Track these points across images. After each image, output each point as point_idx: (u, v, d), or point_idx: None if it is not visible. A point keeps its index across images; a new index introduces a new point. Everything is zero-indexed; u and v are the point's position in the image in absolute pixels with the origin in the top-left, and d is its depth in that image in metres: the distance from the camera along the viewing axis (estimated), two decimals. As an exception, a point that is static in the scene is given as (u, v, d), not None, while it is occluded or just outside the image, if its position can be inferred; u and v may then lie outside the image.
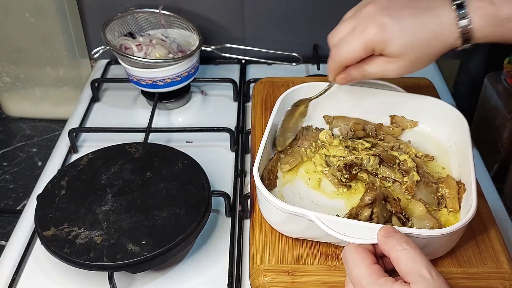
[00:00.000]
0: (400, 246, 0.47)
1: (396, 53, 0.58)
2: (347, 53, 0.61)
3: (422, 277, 0.44)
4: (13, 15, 0.92)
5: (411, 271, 0.45)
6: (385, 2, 0.58)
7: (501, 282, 0.57)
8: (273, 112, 0.69)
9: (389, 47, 0.57)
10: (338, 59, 0.62)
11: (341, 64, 0.63)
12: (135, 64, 0.84)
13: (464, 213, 0.60)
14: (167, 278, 0.64)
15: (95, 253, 0.58)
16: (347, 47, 0.60)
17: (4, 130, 1.03)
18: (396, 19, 0.57)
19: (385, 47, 0.58)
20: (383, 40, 0.57)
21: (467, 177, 0.62)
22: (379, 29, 0.57)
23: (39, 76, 1.00)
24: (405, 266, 0.45)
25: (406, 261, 0.45)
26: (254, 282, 0.59)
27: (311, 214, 0.55)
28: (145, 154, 0.72)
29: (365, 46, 0.59)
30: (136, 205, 0.64)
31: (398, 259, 0.46)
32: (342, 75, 0.64)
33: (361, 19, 0.59)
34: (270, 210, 0.59)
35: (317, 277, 0.58)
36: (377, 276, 0.46)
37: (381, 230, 0.50)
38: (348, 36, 0.60)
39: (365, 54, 0.60)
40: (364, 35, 0.58)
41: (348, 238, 0.52)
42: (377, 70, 0.61)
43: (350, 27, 0.60)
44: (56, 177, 0.69)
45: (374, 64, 0.61)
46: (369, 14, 0.58)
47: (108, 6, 0.95)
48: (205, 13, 0.97)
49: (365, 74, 0.62)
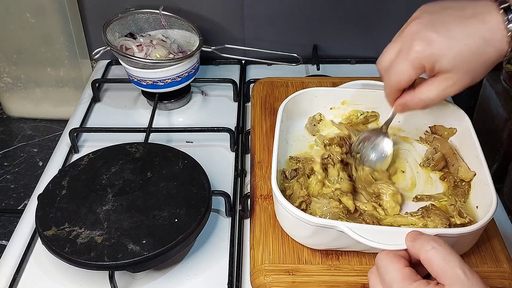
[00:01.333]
0: (429, 245, 0.45)
1: (448, 67, 0.54)
2: (396, 76, 0.57)
3: (457, 278, 0.42)
4: (14, 16, 0.92)
5: (444, 271, 0.43)
6: (428, 16, 0.56)
7: (501, 282, 0.57)
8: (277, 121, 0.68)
9: (440, 62, 0.54)
10: (390, 84, 0.59)
11: (394, 89, 0.59)
12: (135, 65, 0.84)
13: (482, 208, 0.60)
14: (167, 277, 0.64)
15: (96, 253, 0.59)
16: (396, 70, 0.57)
17: (5, 130, 1.03)
18: (442, 31, 0.54)
19: (435, 62, 0.54)
20: (431, 54, 0.54)
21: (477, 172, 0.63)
22: (425, 45, 0.54)
23: (40, 77, 1.00)
24: (437, 267, 0.44)
25: (437, 261, 0.44)
26: (255, 282, 0.59)
27: (341, 224, 0.54)
28: (145, 154, 0.72)
29: (413, 65, 0.56)
30: (137, 204, 0.64)
31: (429, 260, 0.45)
32: (399, 106, 0.61)
33: (405, 39, 0.56)
34: (296, 224, 0.58)
35: (317, 276, 0.58)
36: (409, 280, 0.44)
37: (408, 235, 0.49)
38: (395, 60, 0.57)
39: (416, 74, 0.57)
40: (410, 54, 0.55)
41: (380, 245, 0.51)
42: (434, 93, 0.57)
43: (396, 49, 0.58)
44: (57, 177, 0.69)
45: (430, 87, 0.57)
46: (413, 32, 0.56)
47: (109, 7, 0.95)
48: (205, 14, 0.97)
49: (422, 101, 0.58)
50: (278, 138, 0.66)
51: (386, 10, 0.96)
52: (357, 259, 0.59)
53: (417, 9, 0.58)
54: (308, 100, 0.74)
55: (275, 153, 0.63)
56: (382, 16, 0.98)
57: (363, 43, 1.02)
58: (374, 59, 1.00)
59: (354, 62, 1.02)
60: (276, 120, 0.69)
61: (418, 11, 0.58)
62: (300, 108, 0.74)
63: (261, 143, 0.74)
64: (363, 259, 0.59)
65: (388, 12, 0.97)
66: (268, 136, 0.75)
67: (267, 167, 0.70)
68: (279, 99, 0.80)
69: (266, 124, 0.77)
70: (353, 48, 1.02)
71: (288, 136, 0.74)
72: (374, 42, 1.01)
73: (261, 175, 0.70)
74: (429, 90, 0.57)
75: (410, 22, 0.57)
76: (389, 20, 0.98)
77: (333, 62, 1.02)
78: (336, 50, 1.02)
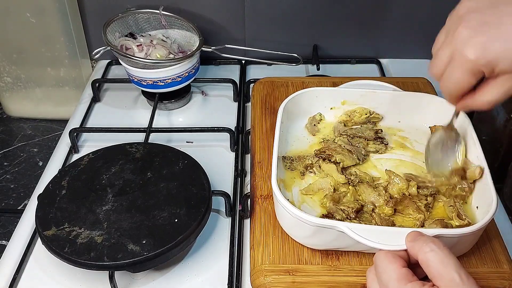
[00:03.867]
0: (427, 247, 0.45)
1: (510, 67, 0.50)
2: (455, 85, 0.54)
3: (452, 281, 0.42)
4: (14, 16, 0.92)
5: (440, 274, 0.43)
6: (477, 17, 0.51)
7: (501, 282, 0.57)
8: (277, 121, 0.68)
9: (499, 66, 0.50)
10: (449, 92, 0.56)
11: (454, 96, 0.57)
12: (135, 65, 0.84)
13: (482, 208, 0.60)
14: (167, 277, 0.64)
15: (96, 253, 0.59)
16: (454, 79, 0.54)
17: (5, 130, 1.03)
18: (495, 34, 0.50)
19: (494, 67, 0.51)
20: (489, 61, 0.50)
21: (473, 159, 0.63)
22: (480, 52, 0.50)
23: (40, 76, 1.00)
24: (434, 269, 0.44)
25: (434, 264, 0.44)
26: (255, 282, 0.59)
27: (341, 224, 0.54)
28: (145, 154, 0.72)
29: (472, 73, 0.52)
30: (137, 205, 0.64)
31: (426, 262, 0.45)
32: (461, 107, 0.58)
33: (456, 45, 0.52)
34: (296, 224, 0.58)
35: (317, 277, 0.58)
36: (405, 280, 0.45)
37: (408, 235, 0.49)
38: (449, 67, 0.54)
39: (476, 80, 0.53)
40: (466, 63, 0.51)
41: (380, 245, 0.51)
42: (497, 95, 0.53)
43: (447, 54, 0.54)
44: (57, 177, 0.69)
45: (492, 89, 0.53)
46: (464, 38, 0.51)
47: (109, 7, 0.95)
48: (205, 14, 0.97)
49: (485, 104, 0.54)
50: (278, 138, 0.66)
51: (386, 10, 0.96)
52: (357, 259, 0.59)
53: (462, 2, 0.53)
54: (308, 100, 0.74)
55: (275, 153, 0.63)
56: (382, 16, 0.98)
57: (363, 43, 1.02)
58: (374, 59, 1.03)
59: (354, 62, 1.02)
60: (276, 120, 0.69)
61: (465, 7, 0.53)
62: (300, 108, 0.74)
63: (261, 143, 0.74)
64: (363, 259, 0.59)
65: (388, 12, 0.97)
66: (268, 136, 0.75)
67: (267, 167, 0.70)
68: (279, 99, 0.80)
69: (266, 124, 0.77)
70: (353, 48, 1.02)
71: (288, 136, 0.74)
72: (374, 42, 1.02)
73: (261, 175, 0.70)
74: (492, 92, 0.53)
75: (457, 21, 0.52)
76: (389, 20, 0.98)
77: (333, 62, 1.02)
78: (336, 50, 1.02)
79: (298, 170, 0.69)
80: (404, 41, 1.01)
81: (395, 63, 1.02)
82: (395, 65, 1.02)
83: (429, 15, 0.96)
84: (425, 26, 0.98)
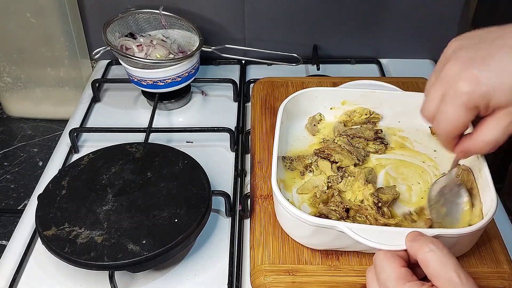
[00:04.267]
0: (427, 247, 0.45)
1: (503, 102, 0.48)
2: (449, 124, 0.51)
3: (451, 281, 0.42)
4: (14, 16, 0.92)
5: (439, 274, 0.43)
6: (466, 54, 0.49)
7: (501, 282, 0.57)
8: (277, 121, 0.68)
9: (494, 98, 0.48)
10: (444, 133, 0.53)
11: (450, 137, 0.53)
12: (135, 65, 0.84)
13: None
14: (167, 277, 0.64)
15: (96, 253, 0.59)
16: (448, 117, 0.51)
17: (5, 130, 1.03)
18: (487, 66, 0.48)
19: (489, 100, 0.48)
20: (483, 93, 0.48)
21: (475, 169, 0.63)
22: (473, 84, 0.48)
23: (40, 77, 1.00)
24: (433, 269, 0.44)
25: (433, 264, 0.44)
26: (255, 282, 0.59)
27: (341, 224, 0.54)
28: (145, 154, 0.72)
29: (467, 108, 0.49)
30: (137, 204, 0.64)
31: (425, 261, 0.45)
32: (461, 153, 0.55)
33: (447, 82, 0.50)
34: (295, 224, 0.58)
35: (317, 277, 0.58)
36: (404, 280, 0.45)
37: (408, 235, 0.49)
38: (442, 105, 0.51)
39: (471, 117, 0.50)
40: (460, 97, 0.49)
41: (379, 245, 0.51)
42: (497, 132, 0.50)
43: (438, 94, 0.51)
44: (57, 177, 0.69)
45: (490, 127, 0.50)
46: (454, 73, 0.49)
47: (109, 7, 0.95)
48: (205, 14, 0.97)
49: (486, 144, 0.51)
50: (278, 138, 0.66)
51: (386, 10, 0.97)
52: (357, 259, 0.59)
53: (448, 45, 0.52)
54: (308, 100, 0.74)
55: (275, 153, 0.63)
56: (382, 16, 0.98)
57: (363, 43, 1.02)
58: (374, 59, 1.03)
59: (354, 62, 1.02)
60: (276, 120, 0.69)
61: (451, 48, 0.52)
62: (300, 108, 0.74)
63: (261, 143, 0.74)
64: (363, 259, 0.59)
65: (388, 12, 0.97)
66: (268, 136, 0.75)
67: (267, 167, 0.70)
68: (279, 99, 0.80)
69: (266, 124, 0.77)
70: (353, 48, 1.02)
71: (288, 136, 0.74)
72: (374, 42, 1.02)
73: (261, 175, 0.70)
74: (491, 130, 0.50)
75: (445, 62, 0.51)
76: (389, 20, 0.98)
77: (333, 62, 1.02)
78: (336, 50, 1.02)
79: (298, 170, 0.69)
80: (404, 41, 1.01)
81: (395, 63, 1.02)
82: (395, 65, 1.02)
83: (429, 15, 0.96)
84: (425, 26, 0.98)
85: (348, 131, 0.73)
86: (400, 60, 1.03)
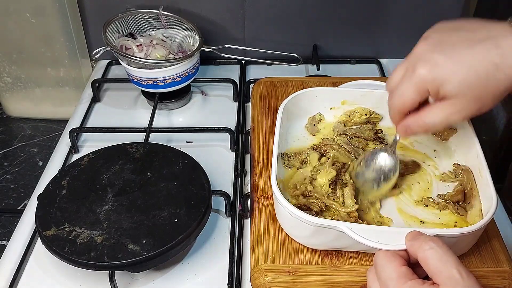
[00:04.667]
0: (427, 245, 0.45)
1: (453, 92, 0.50)
2: (400, 98, 0.54)
3: (452, 278, 0.42)
4: (14, 16, 0.92)
5: (440, 271, 0.43)
6: (437, 37, 0.53)
7: (501, 282, 0.57)
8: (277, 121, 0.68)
9: (444, 86, 0.50)
10: (393, 106, 0.56)
11: (398, 111, 0.56)
12: (135, 65, 0.84)
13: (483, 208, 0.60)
14: (167, 277, 0.64)
15: (96, 253, 0.59)
16: (400, 93, 0.54)
17: (5, 130, 1.03)
18: (449, 54, 0.50)
19: (439, 87, 0.51)
20: (435, 79, 0.51)
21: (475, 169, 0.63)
22: (430, 68, 0.51)
23: (40, 76, 1.00)
24: (433, 266, 0.44)
25: (434, 261, 0.44)
26: (255, 282, 0.59)
27: (341, 224, 0.54)
28: (145, 154, 0.72)
29: (417, 88, 0.52)
30: (137, 204, 0.64)
31: (426, 259, 0.45)
32: (402, 128, 0.57)
33: (411, 60, 0.54)
34: (296, 224, 0.58)
35: (317, 276, 0.58)
36: (404, 279, 0.45)
37: (407, 235, 0.49)
38: (401, 81, 0.55)
39: (420, 98, 0.53)
40: (414, 77, 0.52)
41: (380, 245, 0.51)
42: (438, 118, 0.53)
43: (403, 70, 0.55)
44: (57, 177, 0.69)
45: (435, 110, 0.53)
46: (419, 53, 0.53)
47: (109, 7, 0.95)
48: (205, 14, 0.97)
49: (426, 123, 0.54)
50: (278, 138, 0.66)
51: (386, 10, 0.97)
52: (357, 259, 0.59)
53: (430, 28, 0.55)
54: (308, 100, 0.74)
55: (275, 154, 0.63)
56: (382, 16, 0.98)
57: (363, 43, 1.02)
58: (374, 59, 1.03)
59: (354, 62, 1.03)
60: (275, 120, 0.69)
61: (429, 30, 0.55)
62: (300, 108, 0.74)
63: (261, 143, 0.74)
64: (363, 259, 0.59)
65: (388, 12, 0.97)
66: (268, 136, 0.75)
67: (267, 167, 0.70)
68: (279, 99, 0.80)
69: (266, 124, 0.77)
70: (353, 48, 1.02)
71: (288, 136, 0.74)
72: (374, 42, 1.02)
73: (261, 175, 0.70)
74: (433, 115, 0.53)
75: (420, 41, 0.54)
76: (389, 20, 0.98)
77: (333, 62, 1.02)
78: (336, 50, 1.02)
79: (296, 167, 0.69)
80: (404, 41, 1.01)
81: (395, 63, 1.02)
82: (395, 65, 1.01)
83: (429, 15, 0.96)
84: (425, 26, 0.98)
85: (348, 131, 0.73)
86: (400, 60, 1.01)
